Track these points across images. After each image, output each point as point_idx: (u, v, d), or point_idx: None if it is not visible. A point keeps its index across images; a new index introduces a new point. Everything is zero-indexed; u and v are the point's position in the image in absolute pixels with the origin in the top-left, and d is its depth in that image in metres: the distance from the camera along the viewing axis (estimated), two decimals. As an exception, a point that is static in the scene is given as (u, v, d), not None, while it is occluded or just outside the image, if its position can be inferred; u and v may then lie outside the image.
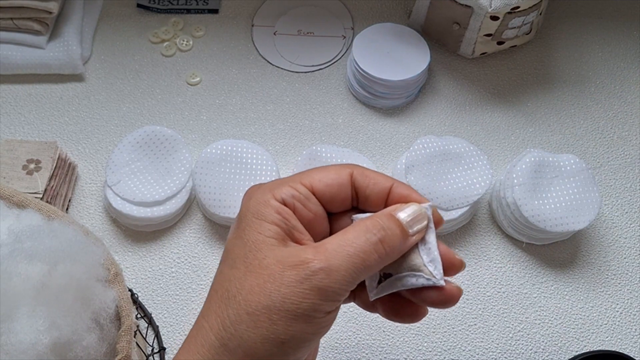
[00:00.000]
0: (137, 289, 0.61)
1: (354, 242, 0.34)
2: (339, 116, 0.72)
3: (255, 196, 0.37)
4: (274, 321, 0.33)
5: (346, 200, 0.39)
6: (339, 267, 0.34)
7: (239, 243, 0.36)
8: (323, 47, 0.76)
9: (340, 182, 0.38)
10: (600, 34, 0.79)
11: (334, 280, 0.33)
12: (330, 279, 0.33)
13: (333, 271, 0.33)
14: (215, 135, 0.70)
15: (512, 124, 0.72)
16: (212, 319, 0.35)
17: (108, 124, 0.71)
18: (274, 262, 0.34)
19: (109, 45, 0.76)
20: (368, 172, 0.39)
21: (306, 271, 0.33)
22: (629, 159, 0.70)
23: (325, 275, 0.33)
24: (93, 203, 0.66)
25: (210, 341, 0.35)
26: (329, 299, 0.34)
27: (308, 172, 0.38)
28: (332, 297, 0.34)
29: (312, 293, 0.33)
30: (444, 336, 0.60)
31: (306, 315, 0.33)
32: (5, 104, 0.72)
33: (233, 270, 0.35)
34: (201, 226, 0.65)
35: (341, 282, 0.34)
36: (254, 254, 0.35)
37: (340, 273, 0.34)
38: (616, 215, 0.67)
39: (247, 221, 0.36)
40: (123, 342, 0.47)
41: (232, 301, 0.34)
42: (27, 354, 0.41)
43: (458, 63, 0.76)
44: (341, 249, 0.34)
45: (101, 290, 0.47)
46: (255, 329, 0.33)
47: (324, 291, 0.33)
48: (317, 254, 0.34)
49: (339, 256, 0.34)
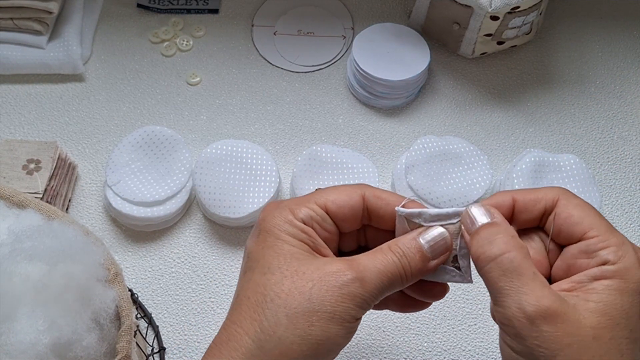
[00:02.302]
0: (137, 289, 0.61)
1: (382, 261, 0.37)
2: (339, 116, 0.72)
3: (278, 214, 0.39)
4: (312, 323, 0.35)
5: (357, 220, 0.41)
6: (371, 280, 0.36)
7: (270, 253, 0.38)
8: (323, 47, 0.76)
9: (352, 204, 0.40)
10: (600, 34, 0.79)
11: (366, 290, 0.36)
12: (364, 289, 0.36)
13: (366, 282, 0.36)
14: (215, 135, 0.70)
15: (512, 124, 0.72)
16: (247, 323, 0.36)
17: (108, 124, 0.71)
18: (312, 269, 0.36)
19: (109, 45, 0.76)
20: (379, 192, 0.40)
21: (344, 279, 0.36)
22: (629, 159, 0.70)
23: (360, 285, 0.36)
24: (93, 203, 0.66)
25: (246, 344, 0.36)
26: (359, 306, 0.36)
27: (321, 192, 0.40)
28: (363, 305, 0.36)
29: (348, 299, 0.36)
30: (444, 336, 0.60)
31: (341, 319, 0.35)
32: (5, 104, 0.72)
33: (267, 276, 0.37)
34: (201, 226, 0.65)
35: (372, 292, 0.36)
36: (290, 262, 0.37)
37: (372, 285, 0.36)
38: (616, 215, 0.67)
39: (277, 235, 0.38)
40: (123, 342, 0.47)
41: (271, 304, 0.36)
42: (27, 353, 0.41)
43: (458, 63, 0.76)
44: (372, 266, 0.37)
45: (101, 290, 0.47)
46: (294, 330, 0.35)
47: (358, 298, 0.36)
48: (352, 267, 0.37)
49: (371, 271, 0.37)
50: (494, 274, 0.34)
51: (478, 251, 0.35)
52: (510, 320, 0.33)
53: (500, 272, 0.34)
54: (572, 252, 0.36)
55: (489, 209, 0.37)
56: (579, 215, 0.37)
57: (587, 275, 0.35)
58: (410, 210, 0.39)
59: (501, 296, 0.34)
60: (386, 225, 0.41)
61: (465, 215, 0.37)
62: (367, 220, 0.41)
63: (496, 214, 0.37)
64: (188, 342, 0.59)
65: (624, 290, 0.34)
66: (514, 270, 0.34)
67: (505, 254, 0.34)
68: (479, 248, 0.35)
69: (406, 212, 0.38)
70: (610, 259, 0.35)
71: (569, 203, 0.37)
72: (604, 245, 0.35)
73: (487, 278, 0.35)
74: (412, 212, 0.38)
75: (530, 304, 0.33)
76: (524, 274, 0.34)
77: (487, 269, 0.35)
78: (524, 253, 0.35)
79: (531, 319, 0.32)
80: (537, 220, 0.38)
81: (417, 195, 0.63)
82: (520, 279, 0.33)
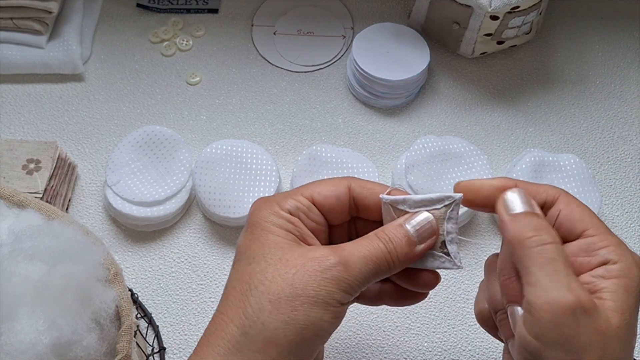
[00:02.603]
0: (137, 289, 0.61)
1: (368, 247, 0.38)
2: (339, 116, 0.72)
3: (265, 207, 0.40)
4: (295, 307, 0.36)
5: (344, 211, 0.41)
6: (355, 264, 0.37)
7: (256, 244, 0.39)
8: (323, 47, 0.76)
9: (337, 194, 0.40)
10: (600, 34, 0.79)
11: (350, 274, 0.37)
12: (348, 272, 0.36)
13: (350, 267, 0.37)
14: (215, 135, 0.70)
15: (512, 124, 0.72)
16: (232, 311, 0.37)
17: (108, 124, 0.71)
18: (296, 256, 0.37)
19: (109, 45, 0.76)
20: (365, 182, 0.41)
21: (326, 263, 0.36)
22: (629, 159, 0.70)
23: (343, 269, 0.36)
24: (93, 203, 0.66)
25: (231, 331, 0.36)
26: (344, 291, 0.36)
27: (307, 185, 0.41)
28: (347, 290, 0.37)
29: (332, 282, 0.36)
30: (444, 336, 0.60)
31: (324, 303, 0.36)
32: (5, 103, 0.72)
33: (252, 265, 0.38)
34: (201, 226, 0.65)
35: (356, 277, 0.37)
36: (274, 251, 0.38)
37: (356, 269, 0.37)
38: (616, 215, 0.67)
39: (263, 226, 0.39)
40: (123, 342, 0.47)
41: (254, 292, 0.37)
42: (27, 354, 0.41)
43: (458, 63, 0.76)
44: (357, 251, 0.37)
45: (101, 290, 0.47)
46: (278, 315, 0.36)
47: (342, 282, 0.36)
48: (336, 252, 0.37)
49: (355, 256, 0.37)
50: (542, 257, 0.34)
51: (525, 232, 0.35)
52: (551, 303, 0.33)
53: (550, 258, 0.34)
54: (571, 249, 0.37)
55: (531, 200, 0.38)
56: (580, 212, 0.38)
57: (593, 276, 0.36)
58: (395, 197, 0.39)
59: (545, 278, 0.34)
60: (373, 216, 0.41)
61: (508, 197, 0.38)
62: (355, 211, 0.42)
63: (537, 207, 0.37)
64: (188, 342, 0.59)
65: (629, 288, 0.35)
66: (562, 260, 0.34)
67: (557, 243, 0.35)
68: (528, 229, 0.36)
69: (390, 199, 0.39)
70: (612, 258, 0.35)
71: (570, 201, 0.38)
72: (603, 245, 0.36)
73: (534, 258, 0.35)
74: (396, 199, 0.39)
75: (574, 294, 0.33)
76: (569, 267, 0.34)
77: (536, 250, 0.35)
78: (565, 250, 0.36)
79: (573, 308, 0.33)
80: None
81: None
82: (566, 269, 0.34)
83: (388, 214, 0.39)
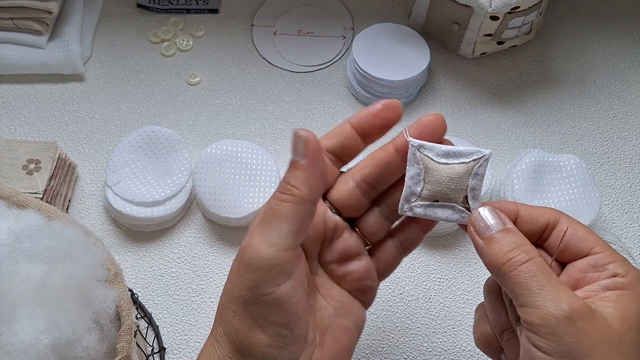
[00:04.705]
0: (137, 289, 0.61)
1: (267, 203, 0.37)
2: (339, 116, 0.72)
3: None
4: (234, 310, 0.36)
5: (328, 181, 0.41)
6: (256, 233, 0.35)
7: None
8: (323, 47, 0.76)
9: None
10: (600, 34, 0.79)
11: (255, 248, 0.35)
12: (252, 248, 0.35)
13: (254, 244, 0.35)
14: (215, 135, 0.70)
15: (512, 124, 0.72)
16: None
17: (108, 124, 0.71)
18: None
19: (109, 45, 0.76)
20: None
21: (239, 253, 0.36)
22: (629, 159, 0.70)
23: (248, 247, 0.35)
24: (93, 203, 0.66)
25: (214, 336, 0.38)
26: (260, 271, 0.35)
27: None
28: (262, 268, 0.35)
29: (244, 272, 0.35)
30: (444, 336, 0.60)
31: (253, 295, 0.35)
32: (5, 104, 0.72)
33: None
34: (201, 226, 0.65)
35: (262, 246, 0.35)
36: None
37: (259, 239, 0.35)
38: (616, 215, 0.67)
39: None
40: (123, 342, 0.47)
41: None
42: (27, 354, 0.41)
43: (458, 63, 0.76)
44: (258, 218, 0.37)
45: (101, 290, 0.47)
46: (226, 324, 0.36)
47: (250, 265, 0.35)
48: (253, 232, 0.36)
49: (257, 223, 0.36)
50: (523, 277, 0.35)
51: (499, 258, 0.36)
52: (547, 318, 0.33)
53: (530, 275, 0.35)
54: (579, 266, 0.37)
55: (500, 214, 0.37)
56: (584, 232, 0.38)
57: (599, 286, 0.36)
58: (422, 142, 0.38)
59: (533, 296, 0.34)
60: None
61: (477, 217, 0.37)
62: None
63: (507, 221, 0.37)
64: (188, 342, 0.59)
65: (635, 298, 0.35)
66: (543, 273, 0.35)
67: (534, 258, 0.35)
68: (500, 255, 0.36)
69: (418, 143, 0.38)
70: (620, 272, 0.36)
71: (572, 221, 0.38)
72: (611, 260, 0.36)
73: (515, 281, 0.35)
74: (424, 144, 0.38)
75: (566, 302, 0.33)
76: (552, 277, 0.35)
77: (515, 273, 0.35)
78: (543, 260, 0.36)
79: (569, 316, 0.33)
80: (539, 232, 0.39)
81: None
82: (550, 281, 0.34)
83: (413, 157, 0.38)
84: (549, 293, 0.34)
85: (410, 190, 0.39)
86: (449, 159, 0.38)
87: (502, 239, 0.36)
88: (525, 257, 0.35)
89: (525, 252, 0.35)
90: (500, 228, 0.37)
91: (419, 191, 0.38)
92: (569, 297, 0.34)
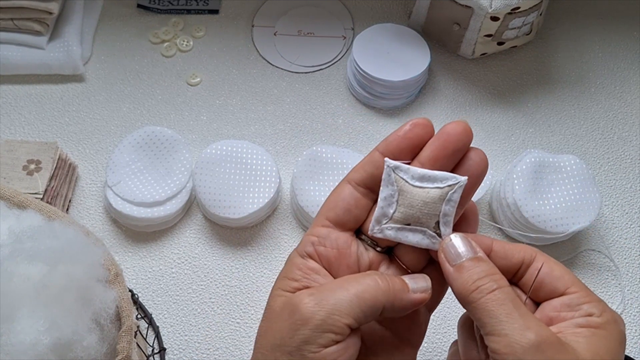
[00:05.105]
0: (138, 290, 0.61)
1: (357, 279, 0.35)
2: (339, 117, 0.72)
3: (289, 258, 0.39)
4: (277, 358, 0.34)
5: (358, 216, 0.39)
6: (331, 297, 0.34)
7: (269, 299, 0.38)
8: (323, 47, 0.76)
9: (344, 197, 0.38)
10: (600, 34, 0.79)
11: (323, 308, 0.34)
12: (320, 306, 0.34)
13: (323, 300, 0.34)
14: (215, 136, 0.70)
15: (512, 125, 0.72)
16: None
17: (108, 125, 0.71)
18: (279, 305, 0.36)
19: (109, 46, 0.76)
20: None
21: (296, 302, 0.34)
22: (629, 159, 0.70)
23: (315, 304, 0.34)
24: (93, 203, 0.66)
25: None
26: (319, 329, 0.33)
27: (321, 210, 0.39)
28: (324, 328, 0.34)
29: (301, 324, 0.34)
30: (444, 336, 0.60)
31: (299, 349, 0.34)
32: (6, 104, 0.72)
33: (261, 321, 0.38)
34: (201, 226, 0.65)
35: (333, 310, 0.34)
36: (270, 304, 0.37)
37: (333, 301, 0.34)
38: (616, 216, 0.67)
39: (277, 281, 0.38)
40: (123, 342, 0.47)
41: (255, 346, 0.36)
42: (28, 354, 0.41)
43: (458, 63, 0.76)
44: (338, 284, 0.35)
45: (101, 291, 0.47)
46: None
47: (311, 321, 0.34)
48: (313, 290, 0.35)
49: (334, 288, 0.35)
50: (491, 305, 0.34)
51: (468, 286, 0.35)
52: (513, 346, 0.32)
53: (498, 303, 0.34)
54: (553, 305, 0.36)
55: (472, 242, 0.37)
56: (560, 271, 0.37)
57: (573, 323, 0.35)
58: (399, 164, 0.37)
59: (500, 324, 0.33)
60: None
61: (448, 244, 0.37)
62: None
63: (479, 249, 0.36)
64: (188, 342, 0.59)
65: (608, 338, 0.34)
66: (511, 302, 0.34)
67: (503, 287, 0.34)
68: (469, 282, 0.35)
69: (394, 164, 0.37)
70: (595, 312, 0.35)
71: (548, 259, 0.37)
72: (587, 300, 0.36)
73: (482, 309, 0.34)
74: (400, 165, 0.37)
75: (534, 331, 0.33)
76: (520, 306, 0.34)
77: (482, 301, 0.34)
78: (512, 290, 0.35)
79: (537, 344, 0.32)
80: (514, 269, 0.38)
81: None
82: (518, 310, 0.33)
83: (388, 178, 0.38)
84: (516, 321, 0.33)
85: (383, 211, 0.38)
86: (424, 183, 0.37)
87: (472, 267, 0.35)
88: (494, 285, 0.34)
89: (494, 281, 0.35)
90: (471, 256, 0.36)
91: (391, 213, 0.38)
92: (538, 326, 0.33)
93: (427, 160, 0.37)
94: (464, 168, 0.38)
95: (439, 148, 0.37)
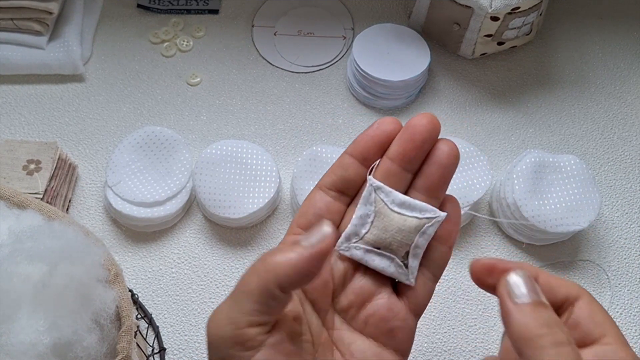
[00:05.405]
0: (137, 290, 0.61)
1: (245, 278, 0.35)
2: (339, 117, 0.72)
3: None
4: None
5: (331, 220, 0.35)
6: (219, 312, 0.36)
7: None
8: (323, 47, 0.76)
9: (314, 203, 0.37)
10: (600, 34, 0.79)
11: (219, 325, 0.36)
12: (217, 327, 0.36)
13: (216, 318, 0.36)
14: (215, 136, 0.70)
15: (512, 125, 0.72)
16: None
17: (108, 125, 0.71)
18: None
19: (109, 46, 0.76)
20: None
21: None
22: (629, 159, 0.70)
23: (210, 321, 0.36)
24: (93, 203, 0.66)
25: None
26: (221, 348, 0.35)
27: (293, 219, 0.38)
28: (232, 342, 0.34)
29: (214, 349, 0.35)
30: (444, 337, 0.60)
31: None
32: (6, 104, 0.72)
33: None
34: (201, 227, 0.65)
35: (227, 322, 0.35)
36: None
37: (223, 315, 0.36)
38: (616, 216, 0.67)
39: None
40: (123, 342, 0.47)
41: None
42: (28, 354, 0.41)
43: (458, 63, 0.76)
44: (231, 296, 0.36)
45: (101, 291, 0.47)
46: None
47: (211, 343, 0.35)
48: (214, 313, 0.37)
49: (225, 303, 0.36)
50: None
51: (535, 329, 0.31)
52: None
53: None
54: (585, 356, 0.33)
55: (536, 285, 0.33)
56: (602, 317, 0.34)
57: None
58: (381, 185, 0.36)
59: None
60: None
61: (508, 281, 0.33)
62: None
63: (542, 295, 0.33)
64: (188, 342, 0.59)
65: None
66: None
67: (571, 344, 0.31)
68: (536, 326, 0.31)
69: (377, 185, 0.36)
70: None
71: (593, 302, 0.35)
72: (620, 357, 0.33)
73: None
74: (382, 187, 0.36)
75: None
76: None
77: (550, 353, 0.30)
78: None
79: None
80: (556, 306, 0.35)
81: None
82: None
83: (368, 197, 0.37)
84: None
85: (355, 229, 0.37)
86: (403, 210, 0.36)
87: (541, 310, 0.32)
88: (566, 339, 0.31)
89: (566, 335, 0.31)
90: (535, 299, 0.32)
91: (363, 233, 0.37)
92: None
93: (396, 155, 0.36)
94: (433, 159, 0.36)
95: (406, 141, 0.36)
